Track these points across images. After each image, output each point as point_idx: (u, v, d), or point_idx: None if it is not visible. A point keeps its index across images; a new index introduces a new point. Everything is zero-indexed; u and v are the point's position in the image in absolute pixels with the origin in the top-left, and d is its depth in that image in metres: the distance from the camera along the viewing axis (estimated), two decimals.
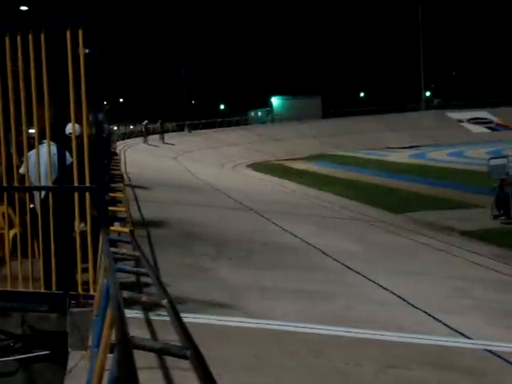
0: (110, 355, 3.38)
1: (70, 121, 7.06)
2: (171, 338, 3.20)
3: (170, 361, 4.93)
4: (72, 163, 6.83)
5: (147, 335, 5.47)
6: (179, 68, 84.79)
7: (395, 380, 5.67)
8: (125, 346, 2.53)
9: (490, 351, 6.71)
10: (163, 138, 58.67)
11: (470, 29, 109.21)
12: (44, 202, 7.00)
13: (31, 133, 8.28)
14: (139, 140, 57.53)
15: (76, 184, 6.75)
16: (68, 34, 6.67)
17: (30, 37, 6.76)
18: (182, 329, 2.90)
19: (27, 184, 7.12)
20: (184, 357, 2.60)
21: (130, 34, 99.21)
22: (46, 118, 6.95)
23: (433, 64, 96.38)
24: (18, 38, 6.81)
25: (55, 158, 7.03)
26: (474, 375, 6.06)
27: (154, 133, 61.30)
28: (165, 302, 3.46)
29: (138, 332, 4.87)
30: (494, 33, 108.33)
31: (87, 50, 6.82)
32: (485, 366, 6.34)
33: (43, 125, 7.01)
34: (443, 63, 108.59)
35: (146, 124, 59.73)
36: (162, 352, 3.02)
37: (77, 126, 7.02)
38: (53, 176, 7.09)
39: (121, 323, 2.88)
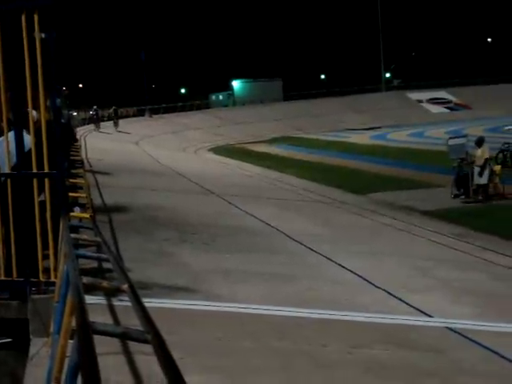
0: (71, 341, 3.35)
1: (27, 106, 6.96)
2: (133, 323, 3.18)
3: (132, 346, 4.92)
4: (30, 150, 6.73)
5: (109, 321, 5.44)
6: (139, 52, 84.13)
7: (359, 359, 5.72)
8: (84, 332, 2.51)
9: (450, 329, 6.81)
10: (117, 125, 54.31)
11: (429, 9, 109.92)
12: (2, 188, 6.90)
13: None
14: (92, 127, 52.82)
15: (35, 170, 6.66)
16: (23, 17, 6.55)
17: None
18: (143, 313, 2.88)
19: None
20: (145, 341, 2.59)
21: (89, 18, 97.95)
22: (3, 103, 6.84)
23: (392, 45, 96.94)
24: None
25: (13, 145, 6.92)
26: (434, 352, 6.14)
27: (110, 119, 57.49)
28: (125, 286, 3.43)
29: (100, 318, 4.83)
30: (451, 13, 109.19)
31: (43, 35, 6.71)
32: (445, 344, 6.43)
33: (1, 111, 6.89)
34: (402, 44, 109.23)
35: (96, 109, 55.80)
36: (123, 337, 3.01)
37: (34, 112, 6.93)
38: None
39: (81, 309, 2.85)
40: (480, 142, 20.22)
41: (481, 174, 19.30)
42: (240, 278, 8.52)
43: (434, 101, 77.21)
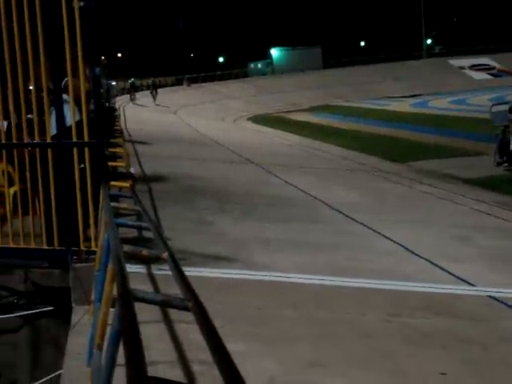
0: (112, 309, 3.36)
1: (67, 76, 6.98)
2: (174, 291, 3.17)
3: (173, 314, 4.94)
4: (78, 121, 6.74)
5: (150, 289, 5.47)
6: (177, 21, 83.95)
7: (399, 328, 5.68)
8: (125, 299, 2.50)
9: (493, 297, 6.72)
10: (155, 99, 53.15)
11: None
12: (43, 157, 6.95)
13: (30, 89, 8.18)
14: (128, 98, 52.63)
15: (75, 139, 6.69)
16: None
17: None
18: (183, 281, 2.87)
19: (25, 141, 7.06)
20: (185, 308, 2.57)
21: None
22: (43, 74, 6.86)
23: (433, 11, 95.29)
24: None
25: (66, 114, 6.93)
26: (476, 321, 6.07)
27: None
28: (165, 255, 3.43)
29: (140, 287, 4.84)
30: None
31: (82, 3, 6.70)
32: (488, 312, 6.35)
33: (40, 81, 6.92)
34: (444, 10, 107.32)
35: (133, 81, 55.63)
36: (163, 304, 3.00)
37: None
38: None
39: (121, 277, 2.85)
40: None
41: None
42: (279, 246, 8.50)
43: (476, 67, 75.92)
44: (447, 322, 6.03)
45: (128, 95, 53.84)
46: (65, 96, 7.06)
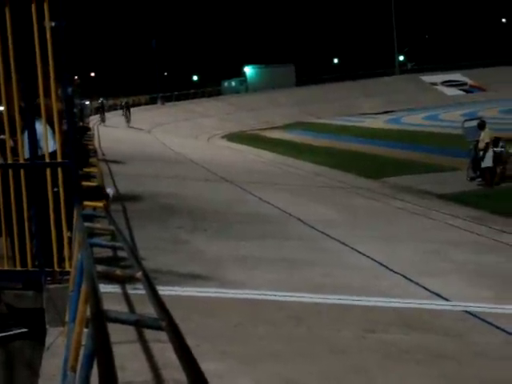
0: (86, 330, 3.33)
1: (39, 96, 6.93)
2: (148, 311, 3.16)
3: (148, 334, 4.91)
4: (55, 151, 6.70)
5: (125, 309, 5.43)
6: (150, 40, 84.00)
7: (375, 344, 5.69)
8: (99, 320, 2.49)
9: (468, 312, 6.76)
10: (129, 121, 49.73)
11: None
12: (16, 179, 6.89)
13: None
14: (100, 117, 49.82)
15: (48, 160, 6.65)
16: (33, 6, 6.51)
17: None
18: (158, 301, 2.86)
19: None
20: (159, 328, 2.56)
21: (99, 6, 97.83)
22: (15, 94, 6.81)
23: (405, 28, 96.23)
24: None
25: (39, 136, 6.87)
26: (452, 336, 6.10)
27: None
28: (139, 274, 3.41)
29: (115, 307, 4.82)
30: None
31: (53, 23, 6.67)
32: (462, 327, 6.38)
33: (12, 102, 6.87)
34: (416, 27, 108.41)
35: (102, 101, 52.47)
36: (136, 324, 2.98)
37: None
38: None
39: (94, 297, 2.83)
40: (481, 126, 19.99)
41: (482, 158, 19.07)
42: (255, 264, 8.50)
43: (448, 83, 76.65)
44: (422, 337, 6.05)
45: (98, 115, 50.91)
46: (37, 117, 7.02)
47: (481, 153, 19.17)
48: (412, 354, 5.53)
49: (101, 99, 53.25)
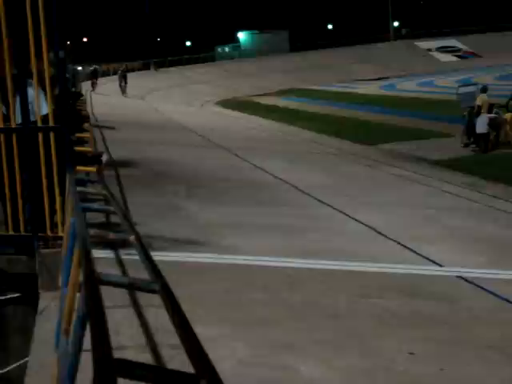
0: (79, 294, 3.31)
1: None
2: (142, 276, 3.13)
3: (142, 299, 4.90)
4: (47, 114, 6.63)
5: (118, 274, 5.42)
6: (143, 5, 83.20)
7: (368, 309, 5.69)
8: (91, 282, 2.45)
9: (462, 277, 6.77)
10: (124, 91, 46.14)
11: None
12: (8, 143, 6.83)
13: None
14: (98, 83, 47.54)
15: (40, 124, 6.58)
16: None
17: None
18: (151, 264, 2.83)
19: None
20: (152, 291, 2.53)
21: None
22: (6, 58, 6.72)
23: None
24: None
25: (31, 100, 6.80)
26: (446, 301, 6.11)
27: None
28: (132, 238, 3.38)
29: (108, 271, 4.80)
30: None
31: None
32: (456, 292, 6.39)
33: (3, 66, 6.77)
34: None
35: (95, 68, 49.10)
36: (129, 287, 2.96)
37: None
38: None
39: (87, 259, 2.80)
40: (484, 90, 19.91)
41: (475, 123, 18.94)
42: (249, 230, 8.49)
43: (443, 49, 76.34)
44: (416, 302, 6.06)
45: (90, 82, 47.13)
46: (29, 80, 6.94)
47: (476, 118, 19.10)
48: (406, 320, 5.54)
49: (93, 66, 50.56)
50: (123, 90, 46.07)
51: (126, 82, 46.41)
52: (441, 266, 7.18)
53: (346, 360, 4.64)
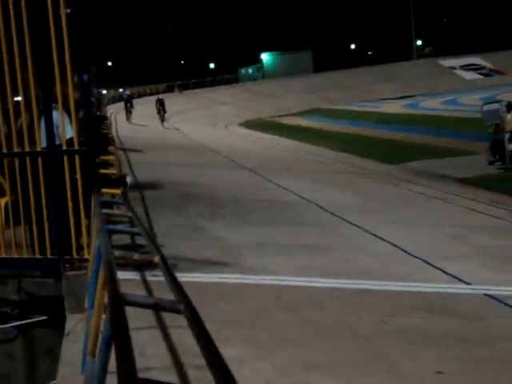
0: (104, 316, 3.32)
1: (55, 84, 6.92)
2: (167, 297, 3.14)
3: (167, 320, 4.90)
4: (72, 138, 6.70)
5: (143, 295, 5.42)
6: (166, 27, 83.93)
7: (395, 328, 5.65)
8: (116, 303, 2.47)
9: (489, 295, 6.70)
10: (163, 120, 40.82)
11: None
12: (34, 166, 6.90)
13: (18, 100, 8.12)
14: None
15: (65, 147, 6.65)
16: None
17: None
18: (175, 285, 2.84)
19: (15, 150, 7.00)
20: (177, 311, 2.54)
21: None
22: (31, 82, 6.81)
23: (423, 12, 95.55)
24: None
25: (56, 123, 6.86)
26: (473, 319, 6.05)
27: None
28: (157, 259, 3.39)
29: (134, 292, 4.82)
30: None
31: (69, 10, 6.65)
32: (484, 311, 6.33)
33: (29, 90, 6.86)
34: (433, 10, 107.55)
35: (129, 95, 44.29)
36: (154, 307, 2.97)
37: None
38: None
39: (112, 281, 2.81)
40: (510, 107, 19.77)
41: (510, 140, 18.88)
42: (274, 250, 8.47)
43: (467, 67, 76.01)
44: (443, 321, 6.01)
45: (124, 108, 42.70)
46: (54, 105, 7.02)
47: (507, 135, 18.90)
48: (433, 339, 5.49)
49: (127, 92, 46.11)
50: (163, 119, 40.97)
51: (164, 111, 41.35)
52: (468, 284, 7.11)
53: (374, 380, 4.60)
